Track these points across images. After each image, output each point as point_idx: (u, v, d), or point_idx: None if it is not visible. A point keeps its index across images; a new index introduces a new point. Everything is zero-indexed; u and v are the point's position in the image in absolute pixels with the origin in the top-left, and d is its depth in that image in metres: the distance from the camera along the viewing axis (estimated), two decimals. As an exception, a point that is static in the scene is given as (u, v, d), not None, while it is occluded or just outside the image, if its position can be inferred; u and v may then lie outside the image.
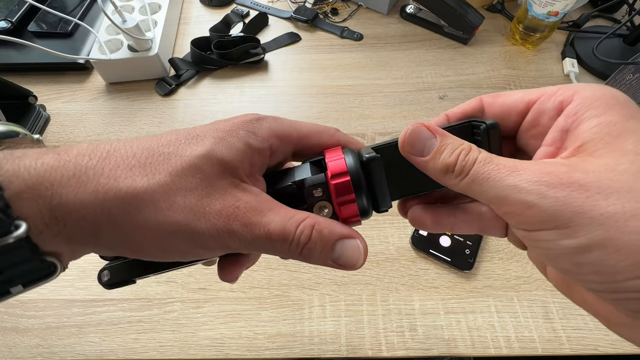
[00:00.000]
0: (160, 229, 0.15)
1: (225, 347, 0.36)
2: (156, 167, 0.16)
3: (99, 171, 0.15)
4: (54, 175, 0.14)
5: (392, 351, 0.36)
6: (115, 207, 0.15)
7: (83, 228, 0.15)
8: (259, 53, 0.58)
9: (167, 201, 0.15)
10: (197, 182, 0.16)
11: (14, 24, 0.58)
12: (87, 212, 0.15)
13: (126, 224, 0.15)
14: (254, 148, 0.18)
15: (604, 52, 0.53)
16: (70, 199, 0.14)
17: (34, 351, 0.36)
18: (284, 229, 0.16)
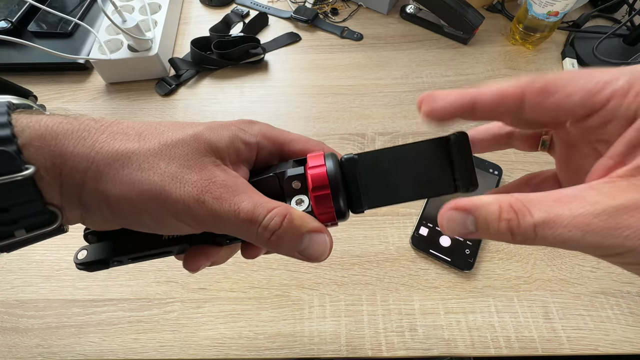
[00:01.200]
0: (137, 185, 0.17)
1: (225, 347, 0.36)
2: (149, 137, 0.18)
3: (99, 132, 0.17)
4: (60, 129, 0.16)
5: (392, 351, 0.36)
6: (103, 161, 0.17)
7: (73, 177, 0.16)
8: (259, 53, 0.58)
9: (150, 163, 0.17)
10: (181, 153, 0.17)
11: (14, 24, 0.58)
12: (79, 162, 0.16)
13: (109, 177, 0.17)
14: (242, 139, 0.19)
15: (604, 52, 0.53)
16: (69, 150, 0.16)
17: (34, 351, 0.36)
18: (254, 211, 0.17)
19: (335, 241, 0.42)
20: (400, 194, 0.20)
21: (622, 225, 0.12)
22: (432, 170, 0.19)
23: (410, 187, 0.19)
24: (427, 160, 0.19)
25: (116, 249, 0.21)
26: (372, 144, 0.49)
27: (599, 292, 0.38)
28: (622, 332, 0.36)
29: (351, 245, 0.42)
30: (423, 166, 0.19)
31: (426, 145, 0.19)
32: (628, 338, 0.36)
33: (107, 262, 0.21)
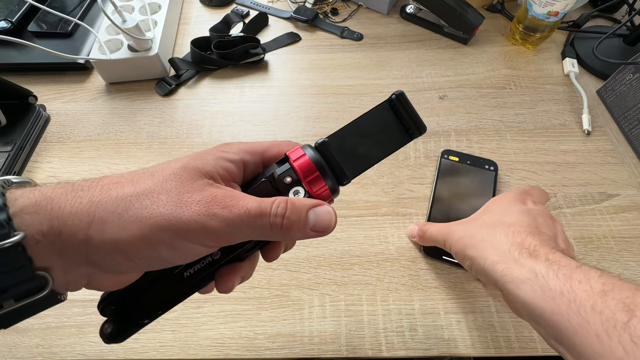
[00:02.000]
0: (146, 221, 0.17)
1: (225, 347, 0.36)
2: (141, 180, 0.18)
3: (92, 188, 0.18)
4: (54, 193, 0.17)
5: (392, 351, 0.36)
6: (105, 211, 0.17)
7: (75, 236, 0.16)
8: (259, 53, 0.58)
9: (151, 200, 0.17)
10: (176, 184, 0.18)
11: (14, 24, 0.58)
12: (80, 219, 0.16)
13: (114, 224, 0.17)
14: (226, 158, 0.21)
15: (604, 52, 0.53)
16: (67, 210, 0.16)
17: (34, 351, 0.36)
18: (261, 206, 0.18)
19: (335, 241, 0.42)
20: (373, 157, 0.23)
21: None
22: (389, 129, 0.23)
23: (378, 149, 0.23)
24: (382, 123, 0.23)
25: (142, 306, 0.22)
26: (372, 144, 0.49)
27: (599, 292, 0.38)
28: (622, 332, 0.36)
29: (351, 245, 0.42)
30: (380, 129, 0.23)
31: (376, 111, 0.23)
32: (628, 338, 0.36)
33: (138, 324, 0.22)
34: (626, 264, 0.40)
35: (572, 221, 0.43)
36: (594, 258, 0.40)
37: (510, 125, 0.51)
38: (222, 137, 0.51)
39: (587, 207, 0.44)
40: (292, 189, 0.22)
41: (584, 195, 0.45)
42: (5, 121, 0.49)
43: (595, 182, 0.46)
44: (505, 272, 0.26)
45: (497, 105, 0.53)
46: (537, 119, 0.52)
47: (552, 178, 0.46)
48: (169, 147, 0.50)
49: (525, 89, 0.55)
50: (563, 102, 0.53)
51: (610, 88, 0.52)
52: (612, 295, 0.21)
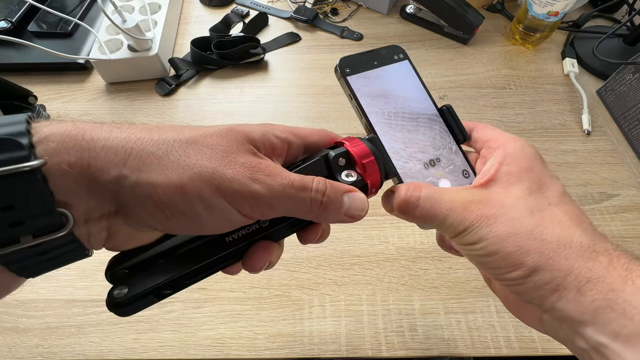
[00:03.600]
0: (187, 169, 0.16)
1: (225, 347, 0.36)
2: (186, 130, 0.17)
3: (132, 126, 0.16)
4: (87, 125, 0.15)
5: (392, 351, 0.36)
6: (144, 150, 0.15)
7: (106, 171, 0.15)
8: (259, 53, 0.58)
9: (195, 149, 0.16)
10: (221, 142, 0.17)
11: (14, 24, 0.58)
12: (115, 153, 0.15)
13: (153, 165, 0.15)
14: (273, 134, 0.20)
15: (604, 52, 0.53)
16: (101, 143, 0.15)
17: (34, 351, 0.36)
18: (303, 180, 0.18)
19: (335, 241, 0.42)
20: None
21: (469, 209, 0.19)
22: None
23: None
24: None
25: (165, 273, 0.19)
26: (372, 144, 0.49)
27: (599, 292, 0.38)
28: (622, 332, 0.36)
29: (351, 245, 0.42)
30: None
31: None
32: (628, 338, 0.36)
33: (160, 294, 0.19)
34: (626, 264, 0.40)
35: (572, 221, 0.43)
36: (594, 258, 0.40)
37: (510, 125, 0.51)
38: (222, 137, 0.51)
39: (587, 207, 0.44)
40: (345, 171, 0.22)
41: (584, 195, 0.45)
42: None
43: (595, 182, 0.46)
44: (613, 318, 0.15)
45: (497, 105, 0.53)
46: (537, 119, 0.52)
47: (552, 178, 0.46)
48: (169, 147, 0.50)
49: (525, 89, 0.55)
50: (563, 102, 0.53)
51: (610, 88, 0.52)
52: None
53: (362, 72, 0.27)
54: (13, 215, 0.14)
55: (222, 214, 0.17)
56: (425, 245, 0.42)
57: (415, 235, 0.42)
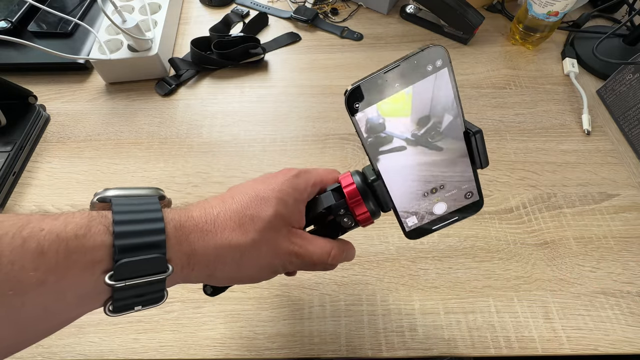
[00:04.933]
0: (254, 267, 0.24)
1: (225, 347, 0.36)
2: (247, 228, 0.23)
3: (213, 231, 0.23)
4: (188, 225, 0.22)
5: (392, 351, 0.36)
6: (227, 255, 0.23)
7: (203, 271, 0.22)
8: (259, 53, 0.58)
9: (257, 250, 0.24)
10: (272, 236, 0.24)
11: (14, 24, 0.58)
12: (209, 258, 0.22)
13: (232, 267, 0.23)
14: (300, 200, 0.26)
15: (604, 52, 0.53)
16: (200, 250, 0.22)
17: (34, 351, 0.36)
18: (321, 258, 0.26)
19: (335, 241, 0.42)
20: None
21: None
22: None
23: None
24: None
25: None
26: (372, 144, 0.49)
27: (599, 292, 0.38)
28: (622, 332, 0.36)
29: (351, 245, 0.42)
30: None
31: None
32: (628, 338, 0.36)
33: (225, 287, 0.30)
34: (626, 264, 0.40)
35: (572, 221, 0.43)
36: (594, 258, 0.40)
37: (510, 125, 0.51)
38: (222, 137, 0.51)
39: (587, 207, 0.44)
40: (343, 217, 0.27)
41: (584, 195, 0.45)
42: (5, 121, 0.49)
43: (595, 182, 0.46)
44: None
45: (497, 105, 0.53)
46: (537, 119, 0.52)
47: (552, 178, 0.46)
48: (169, 147, 0.50)
49: (525, 89, 0.55)
50: (563, 102, 0.53)
51: (610, 88, 0.52)
52: None
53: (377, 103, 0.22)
54: (141, 298, 0.20)
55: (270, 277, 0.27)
56: (425, 245, 0.42)
57: (415, 235, 0.42)
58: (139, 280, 0.19)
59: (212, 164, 0.49)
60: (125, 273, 0.19)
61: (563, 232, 0.42)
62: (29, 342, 0.19)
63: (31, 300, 0.17)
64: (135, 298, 0.20)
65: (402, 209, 0.26)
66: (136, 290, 0.20)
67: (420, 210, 0.26)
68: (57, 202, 0.46)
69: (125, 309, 0.20)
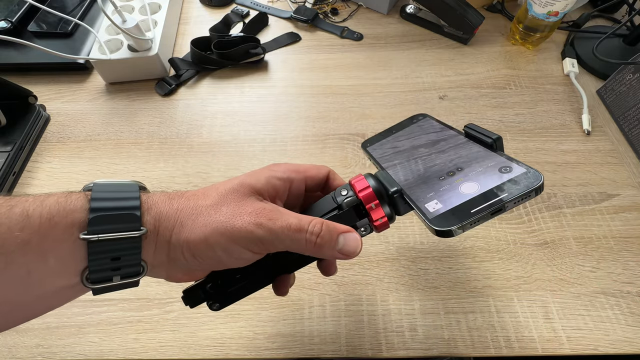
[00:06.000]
0: (209, 226, 0.22)
1: (225, 347, 0.36)
2: (211, 194, 0.23)
3: (179, 196, 0.23)
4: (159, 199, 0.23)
5: (392, 351, 0.36)
6: (184, 216, 0.22)
7: (165, 235, 0.22)
8: (259, 53, 0.58)
9: (215, 209, 0.22)
10: (234, 197, 0.23)
11: (14, 24, 0.58)
12: (169, 221, 0.22)
13: (187, 227, 0.22)
14: (276, 177, 0.24)
15: (604, 52, 0.53)
16: (164, 212, 0.22)
17: (34, 351, 0.36)
18: (299, 223, 0.22)
19: (335, 241, 0.42)
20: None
21: None
22: None
23: None
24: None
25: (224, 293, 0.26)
26: (372, 144, 0.49)
27: (599, 292, 0.38)
28: (622, 332, 0.36)
29: (351, 245, 0.42)
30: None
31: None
32: (628, 338, 0.36)
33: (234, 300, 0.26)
34: (626, 264, 0.40)
35: (572, 221, 0.43)
36: (594, 258, 0.40)
37: (510, 125, 0.51)
38: (222, 137, 0.51)
39: (587, 207, 0.44)
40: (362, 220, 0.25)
41: (584, 195, 0.45)
42: (5, 121, 0.49)
43: (595, 182, 0.46)
44: None
45: (497, 105, 0.53)
46: (537, 119, 0.52)
47: (552, 178, 0.46)
48: (169, 147, 0.50)
49: (525, 89, 0.55)
50: (563, 102, 0.53)
51: (610, 88, 0.52)
52: None
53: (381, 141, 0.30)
54: (117, 263, 0.20)
55: (237, 254, 0.22)
56: (425, 245, 0.42)
57: (415, 235, 0.42)
58: (113, 235, 0.20)
59: (212, 164, 0.49)
60: (99, 225, 0.19)
61: (563, 232, 0.42)
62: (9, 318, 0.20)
63: (15, 260, 0.18)
64: (112, 262, 0.20)
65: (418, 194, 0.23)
66: (111, 249, 0.20)
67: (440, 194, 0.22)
68: (57, 202, 0.46)
69: (103, 279, 0.20)
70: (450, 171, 0.23)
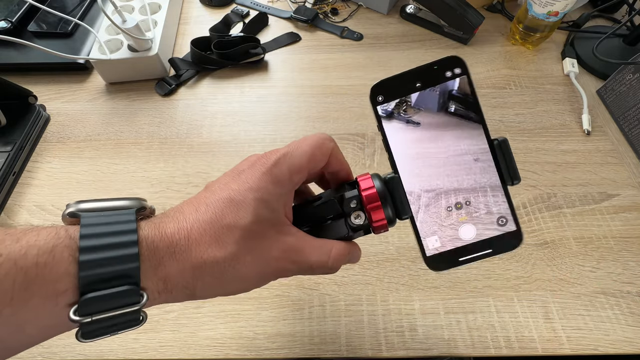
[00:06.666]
0: (240, 280, 0.21)
1: (225, 347, 0.36)
2: (225, 240, 0.21)
3: (188, 249, 0.20)
4: (161, 257, 0.20)
5: (392, 351, 0.36)
6: (205, 273, 0.20)
7: (183, 292, 0.20)
8: (259, 53, 0.58)
9: (240, 262, 0.21)
10: (255, 244, 0.21)
11: (14, 24, 0.58)
12: (187, 279, 0.20)
13: (214, 281, 0.21)
14: (284, 194, 0.23)
15: (604, 52, 0.53)
16: (175, 272, 0.20)
17: (34, 351, 0.36)
18: (320, 261, 0.23)
19: (335, 241, 0.42)
20: None
21: None
22: None
23: None
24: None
25: None
26: (372, 144, 0.49)
27: (599, 292, 0.38)
28: (622, 332, 0.36)
29: (351, 245, 0.42)
30: None
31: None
32: (628, 338, 0.36)
33: None
34: (626, 264, 0.40)
35: (572, 221, 0.43)
36: (594, 258, 0.40)
37: (510, 125, 0.51)
38: (222, 137, 0.51)
39: (587, 207, 0.44)
40: (354, 213, 0.24)
41: (584, 195, 0.45)
42: (5, 121, 0.49)
43: (595, 182, 0.46)
44: None
45: (497, 105, 0.53)
46: (537, 119, 0.52)
47: (552, 178, 0.46)
48: (169, 147, 0.50)
49: (525, 89, 0.55)
50: (563, 102, 0.53)
51: (610, 88, 0.52)
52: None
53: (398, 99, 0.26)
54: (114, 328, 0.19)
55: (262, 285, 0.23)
56: (425, 245, 0.42)
57: (415, 235, 0.42)
58: (108, 314, 0.18)
59: (212, 164, 0.49)
60: (92, 308, 0.17)
61: (563, 232, 0.42)
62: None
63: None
64: (108, 328, 0.19)
65: (422, 221, 0.23)
66: (107, 322, 0.18)
67: (443, 230, 0.23)
68: (57, 202, 0.46)
69: (99, 335, 0.19)
70: (458, 203, 0.23)
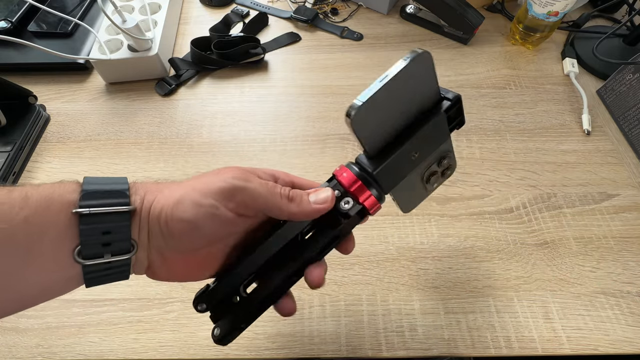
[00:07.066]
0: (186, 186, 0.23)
1: (225, 347, 0.36)
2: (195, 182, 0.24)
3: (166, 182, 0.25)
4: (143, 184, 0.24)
5: (392, 351, 0.36)
6: (165, 186, 0.24)
7: (149, 202, 0.23)
8: (259, 53, 0.58)
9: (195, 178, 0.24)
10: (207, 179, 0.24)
11: (14, 24, 0.58)
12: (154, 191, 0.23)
13: (167, 191, 0.23)
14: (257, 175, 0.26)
15: (604, 52, 0.53)
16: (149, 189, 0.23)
17: (34, 351, 0.36)
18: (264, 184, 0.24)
19: (335, 241, 0.42)
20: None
21: None
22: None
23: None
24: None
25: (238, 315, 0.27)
26: (372, 144, 0.49)
27: (599, 292, 0.38)
28: (622, 332, 0.36)
29: (351, 245, 0.42)
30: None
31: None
32: (628, 338, 0.36)
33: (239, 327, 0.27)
34: (626, 264, 0.40)
35: (572, 221, 0.43)
36: (594, 258, 0.40)
37: (510, 125, 0.51)
38: (222, 137, 0.51)
39: (587, 207, 0.44)
40: (342, 200, 0.25)
41: (584, 195, 0.45)
42: (5, 121, 0.49)
43: (595, 182, 0.46)
44: None
45: (497, 105, 0.53)
46: (537, 119, 0.52)
47: (552, 178, 0.46)
48: (169, 147, 0.50)
49: (525, 89, 0.55)
50: (563, 102, 0.53)
51: (610, 88, 0.52)
52: None
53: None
54: (107, 238, 0.21)
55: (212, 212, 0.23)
56: (425, 245, 0.42)
57: (415, 235, 0.42)
58: (103, 209, 0.21)
59: (212, 164, 0.49)
60: (89, 200, 0.21)
61: (563, 232, 0.42)
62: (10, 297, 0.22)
63: (18, 233, 0.19)
64: (102, 236, 0.21)
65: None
66: (101, 220, 0.21)
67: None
68: (57, 202, 0.46)
69: (94, 255, 0.21)
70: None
